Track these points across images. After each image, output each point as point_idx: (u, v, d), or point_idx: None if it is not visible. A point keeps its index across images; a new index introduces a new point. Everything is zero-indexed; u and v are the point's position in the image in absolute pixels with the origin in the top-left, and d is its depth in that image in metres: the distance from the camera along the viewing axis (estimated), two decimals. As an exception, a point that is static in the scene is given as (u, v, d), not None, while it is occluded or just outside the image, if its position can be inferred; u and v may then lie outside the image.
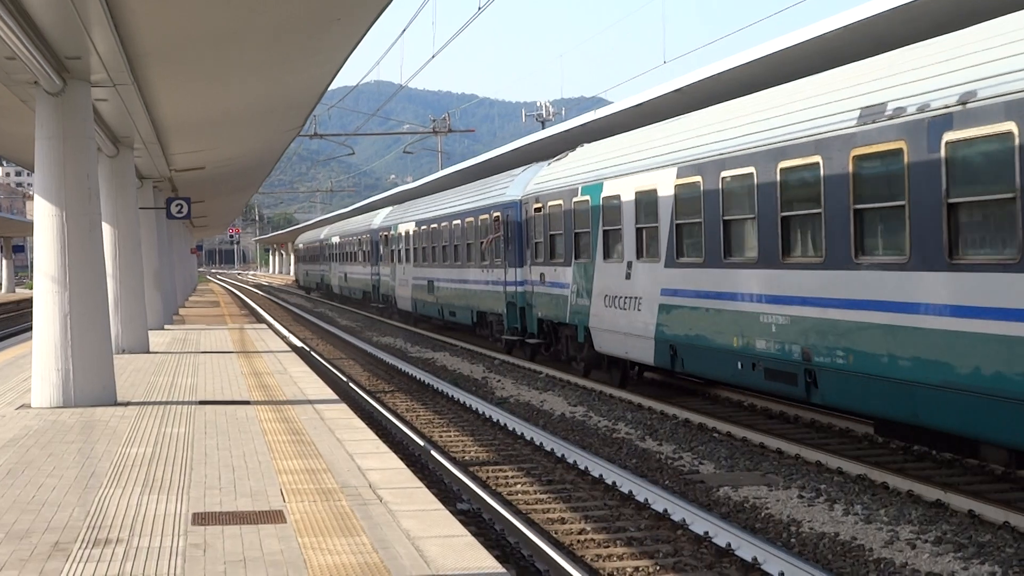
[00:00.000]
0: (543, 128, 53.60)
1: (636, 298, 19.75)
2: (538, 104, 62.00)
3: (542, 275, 25.15)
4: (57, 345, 14.89)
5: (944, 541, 10.59)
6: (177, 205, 28.48)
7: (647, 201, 19.18)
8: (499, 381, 24.38)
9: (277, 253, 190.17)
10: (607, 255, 21.13)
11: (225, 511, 8.76)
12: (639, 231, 19.65)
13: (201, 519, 8.49)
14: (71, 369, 14.92)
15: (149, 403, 15.45)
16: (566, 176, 23.73)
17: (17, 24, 11.60)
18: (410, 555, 7.43)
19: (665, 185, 18.49)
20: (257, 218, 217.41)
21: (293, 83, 19.07)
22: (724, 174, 16.53)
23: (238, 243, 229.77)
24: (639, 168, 19.60)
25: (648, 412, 19.14)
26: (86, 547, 7.70)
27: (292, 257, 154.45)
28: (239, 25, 14.04)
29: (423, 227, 39.09)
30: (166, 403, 15.44)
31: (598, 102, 60.43)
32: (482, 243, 30.44)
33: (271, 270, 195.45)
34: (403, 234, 42.92)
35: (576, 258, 22.76)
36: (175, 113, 20.82)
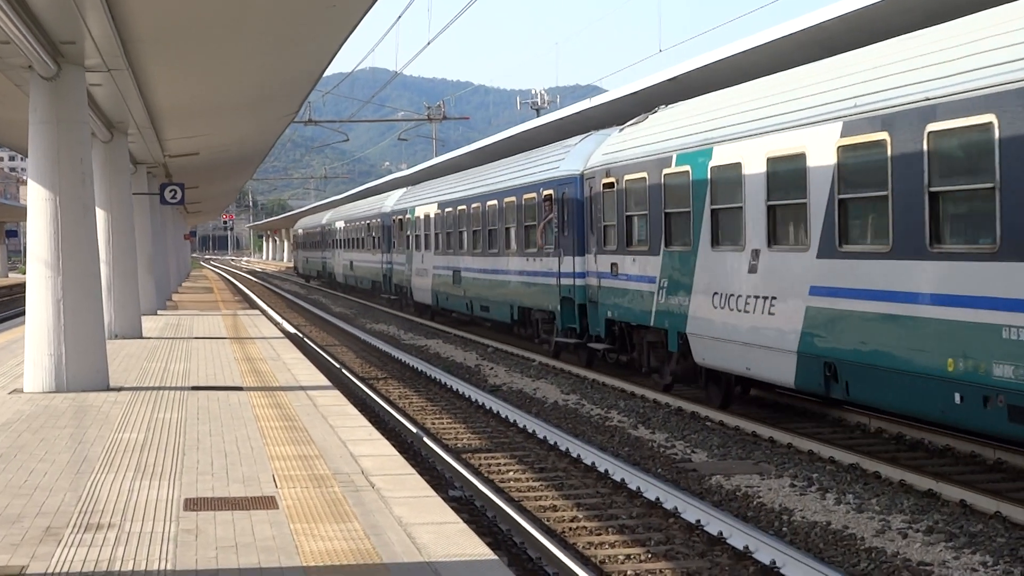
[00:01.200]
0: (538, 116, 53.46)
1: (766, 298, 15.14)
2: (533, 92, 62.02)
3: (614, 266, 20.65)
4: (50, 330, 14.87)
5: (936, 531, 10.61)
6: (171, 191, 28.44)
7: (787, 170, 14.81)
8: (492, 369, 24.38)
9: (271, 239, 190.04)
10: (717, 241, 16.65)
11: (217, 497, 8.76)
12: (771, 210, 15.18)
13: (193, 505, 8.49)
14: (64, 354, 14.90)
15: (142, 388, 15.44)
16: (652, 143, 19.07)
17: (11, 8, 11.56)
18: (402, 542, 7.43)
19: (820, 147, 14.02)
20: (251, 204, 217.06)
21: (288, 69, 19.03)
22: (933, 127, 11.94)
23: (232, 229, 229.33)
24: (774, 127, 15.17)
25: (641, 400, 19.15)
26: (78, 532, 7.70)
27: (289, 244, 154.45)
28: (234, 10, 14.01)
29: (447, 209, 34.45)
30: (159, 388, 15.43)
31: (594, 90, 60.41)
32: (534, 227, 25.67)
33: (265, 256, 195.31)
34: (422, 218, 38.26)
35: (667, 245, 18.24)
36: (169, 98, 20.77)
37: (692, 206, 17.29)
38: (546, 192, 24.69)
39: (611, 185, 20.61)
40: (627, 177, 19.83)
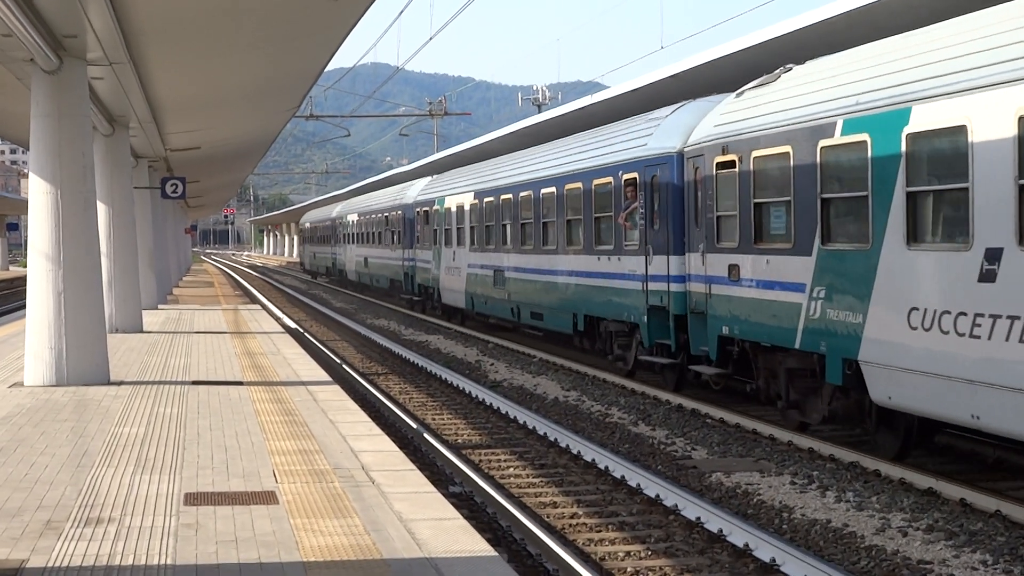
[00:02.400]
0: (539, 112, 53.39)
1: (1015, 318, 10.79)
2: (535, 88, 61.97)
3: (733, 268, 16.25)
4: (50, 324, 14.87)
5: (936, 529, 10.61)
6: (172, 185, 28.43)
7: None
8: (492, 365, 24.37)
9: (272, 234, 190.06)
10: (917, 236, 12.29)
11: (217, 491, 8.75)
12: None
13: (193, 499, 8.49)
14: (64, 348, 14.90)
15: (142, 383, 15.43)
16: (796, 107, 14.65)
17: (14, 1, 11.55)
18: (402, 537, 7.43)
19: None
20: (252, 199, 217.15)
21: (289, 64, 19.04)
22: None
23: (233, 224, 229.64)
24: None
25: (641, 397, 19.14)
26: (78, 526, 7.70)
27: (294, 238, 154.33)
28: (236, 4, 14.01)
29: (487, 199, 29.55)
30: (159, 383, 15.43)
31: (595, 86, 60.36)
32: (608, 219, 21.27)
33: (265, 251, 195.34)
34: (453, 209, 33.39)
35: (826, 241, 13.94)
36: (171, 93, 20.76)
37: (871, 188, 12.92)
38: (627, 176, 20.17)
39: (729, 164, 16.26)
40: (756, 154, 15.46)
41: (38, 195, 14.88)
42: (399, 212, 42.83)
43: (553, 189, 24.24)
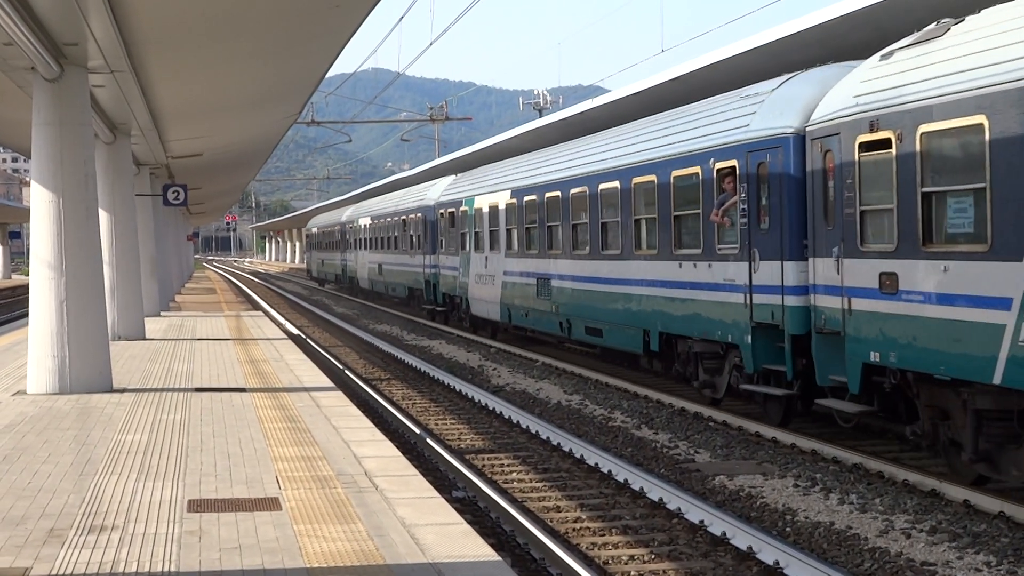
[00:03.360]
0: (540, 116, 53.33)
1: None
2: (536, 92, 62.00)
3: (887, 278, 12.78)
4: (53, 331, 14.88)
5: (939, 531, 10.60)
6: (174, 192, 28.44)
7: None
8: (495, 369, 24.37)
9: (274, 240, 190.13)
10: None
11: (221, 498, 8.76)
12: None
13: (196, 506, 8.49)
14: (67, 355, 14.91)
15: (145, 390, 15.44)
16: (996, 61, 11.09)
17: (14, 9, 11.57)
18: (406, 543, 7.43)
19: None
20: (254, 205, 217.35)
21: (290, 70, 19.04)
22: None
23: (235, 230, 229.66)
24: None
25: (644, 401, 19.13)
26: (81, 533, 7.70)
27: (296, 244, 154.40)
28: (237, 11, 14.02)
29: (528, 198, 26.23)
30: (162, 390, 15.44)
31: (596, 90, 60.39)
32: (692, 217, 17.87)
33: (268, 258, 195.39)
34: (485, 210, 29.98)
35: None
36: (172, 100, 20.78)
37: None
38: (722, 165, 16.81)
39: (880, 145, 12.88)
40: (924, 128, 12.01)
41: (40, 203, 14.90)
42: (419, 214, 39.70)
43: (616, 184, 20.85)
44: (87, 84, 15.29)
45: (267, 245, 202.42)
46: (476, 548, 7.37)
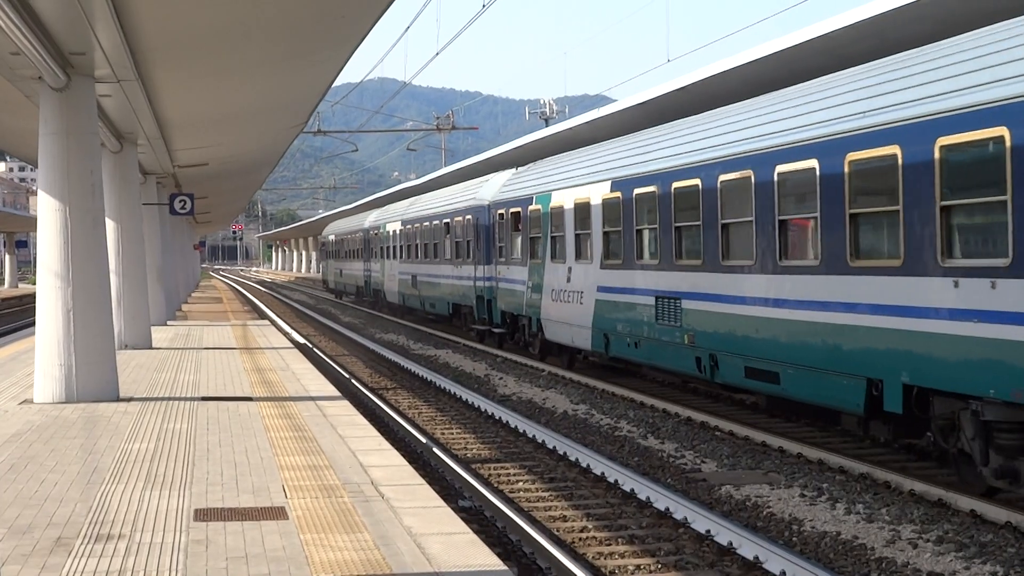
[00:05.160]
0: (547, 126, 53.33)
1: None
2: (542, 102, 62.04)
3: None
4: (60, 340, 14.91)
5: (946, 540, 10.58)
6: (180, 201, 28.52)
7: None
8: (501, 379, 24.36)
9: (280, 250, 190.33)
10: None
11: (227, 507, 8.76)
12: None
13: (203, 515, 8.50)
14: (74, 364, 14.93)
15: (151, 399, 15.45)
16: None
17: (22, 19, 11.61)
18: (412, 552, 7.43)
19: None
20: (260, 214, 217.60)
21: (297, 80, 19.07)
22: None
23: (241, 239, 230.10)
24: None
25: (650, 410, 19.12)
26: (88, 542, 7.71)
27: (303, 253, 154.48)
28: (243, 21, 14.04)
29: (641, 191, 19.84)
30: (168, 399, 15.45)
31: (602, 100, 60.34)
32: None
33: (274, 267, 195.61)
34: (568, 207, 23.63)
35: None
36: (179, 109, 20.83)
37: None
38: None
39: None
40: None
41: (47, 212, 14.93)
42: (468, 216, 32.98)
43: (792, 166, 14.70)
44: (94, 94, 15.33)
45: (273, 254, 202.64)
46: (482, 557, 7.36)
